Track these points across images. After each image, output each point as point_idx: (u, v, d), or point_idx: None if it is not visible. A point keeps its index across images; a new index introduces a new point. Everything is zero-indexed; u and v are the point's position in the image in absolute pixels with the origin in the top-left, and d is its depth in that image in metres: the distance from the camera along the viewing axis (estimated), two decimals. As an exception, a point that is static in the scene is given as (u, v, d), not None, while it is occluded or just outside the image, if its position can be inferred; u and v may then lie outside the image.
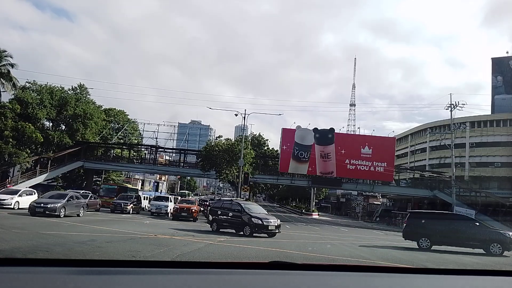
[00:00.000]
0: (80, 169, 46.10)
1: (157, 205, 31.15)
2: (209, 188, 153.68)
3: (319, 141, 45.39)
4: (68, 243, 11.36)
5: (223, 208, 20.02)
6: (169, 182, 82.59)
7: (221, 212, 19.85)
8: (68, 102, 45.36)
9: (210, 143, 48.56)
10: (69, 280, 1.70)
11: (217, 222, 19.85)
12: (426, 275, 2.43)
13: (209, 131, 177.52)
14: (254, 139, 56.66)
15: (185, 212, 27.27)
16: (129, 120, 61.01)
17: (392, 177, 47.34)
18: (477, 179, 54.97)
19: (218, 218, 19.82)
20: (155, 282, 1.80)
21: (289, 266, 2.27)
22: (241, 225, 18.39)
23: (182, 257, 9.69)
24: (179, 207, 27.71)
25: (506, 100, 62.47)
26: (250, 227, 17.86)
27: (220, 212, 19.84)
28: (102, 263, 2.08)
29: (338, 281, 2.11)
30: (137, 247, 11.18)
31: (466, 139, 57.54)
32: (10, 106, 39.51)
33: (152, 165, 49.25)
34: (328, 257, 12.20)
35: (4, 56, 39.03)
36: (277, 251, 12.78)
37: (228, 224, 19.28)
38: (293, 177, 48.08)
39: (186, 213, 27.28)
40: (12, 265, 1.88)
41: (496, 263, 13.47)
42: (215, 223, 19.95)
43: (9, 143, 37.45)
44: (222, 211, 19.81)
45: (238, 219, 18.61)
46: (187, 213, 27.27)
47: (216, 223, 19.88)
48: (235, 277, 1.98)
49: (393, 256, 13.85)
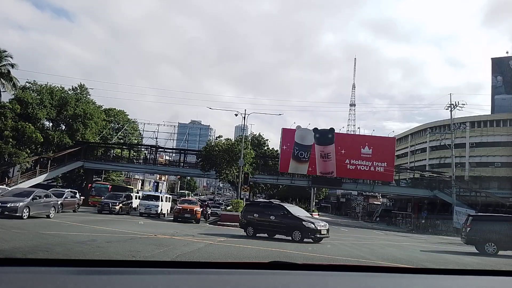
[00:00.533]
0: (80, 169, 46.10)
1: (146, 205, 28.63)
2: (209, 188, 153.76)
3: (319, 141, 45.39)
4: (68, 243, 11.37)
5: (261, 211, 18.34)
6: (169, 182, 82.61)
7: (258, 215, 18.15)
8: (68, 102, 45.37)
9: (210, 143, 48.53)
10: (69, 280, 1.70)
11: (254, 225, 18.18)
12: (426, 275, 2.43)
13: (209, 131, 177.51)
14: (254, 139, 56.62)
15: (188, 213, 25.62)
16: (129, 120, 61.02)
17: (392, 177, 47.34)
18: (477, 179, 54.96)
19: (256, 221, 18.12)
20: (155, 282, 1.80)
21: (289, 266, 2.27)
22: (288, 229, 17.01)
23: (182, 257, 9.69)
24: (182, 208, 26.00)
25: (506, 100, 62.46)
26: (301, 232, 16.57)
27: (258, 215, 18.15)
28: (102, 263, 2.08)
29: (338, 281, 2.11)
30: (137, 247, 11.19)
31: (466, 139, 57.54)
32: (10, 106, 39.53)
33: (152, 165, 49.26)
34: (328, 257, 12.21)
35: (5, 56, 39.04)
36: (277, 251, 12.78)
37: (270, 228, 17.74)
38: (293, 177, 48.09)
39: (189, 214, 25.61)
40: (12, 265, 1.88)
41: (496, 263, 13.47)
42: (251, 227, 18.24)
43: (9, 143, 37.46)
44: (260, 213, 18.16)
45: (283, 223, 17.17)
46: (190, 214, 25.62)
47: (253, 227, 18.19)
48: (235, 277, 1.98)
49: (393, 256, 13.86)
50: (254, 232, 18.00)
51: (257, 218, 18.11)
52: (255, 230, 18.07)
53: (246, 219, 18.62)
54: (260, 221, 17.97)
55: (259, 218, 18.04)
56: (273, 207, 18.34)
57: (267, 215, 17.83)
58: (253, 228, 18.12)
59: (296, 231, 16.64)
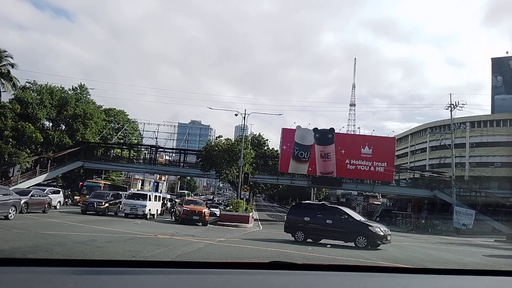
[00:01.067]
0: (80, 169, 46.12)
1: (132, 204, 25.36)
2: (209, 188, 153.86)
3: (319, 141, 45.38)
4: (68, 243, 11.36)
5: (313, 214, 16.83)
6: (169, 182, 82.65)
7: (310, 218, 16.66)
8: (68, 102, 45.42)
9: (210, 143, 48.55)
10: (69, 280, 1.70)
11: (305, 230, 16.66)
12: (426, 275, 2.43)
13: (209, 131, 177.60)
14: (254, 139, 56.64)
15: (197, 215, 23.77)
16: (129, 120, 61.08)
17: (392, 177, 47.34)
18: (477, 179, 54.98)
19: (307, 225, 16.59)
20: (155, 282, 1.80)
21: (289, 266, 2.27)
22: (350, 235, 15.78)
23: (182, 257, 9.69)
24: (190, 210, 23.87)
25: (506, 100, 62.48)
26: (366, 238, 15.42)
27: (310, 219, 16.67)
28: (102, 263, 2.08)
29: (338, 281, 2.11)
30: (137, 247, 11.19)
31: (466, 139, 57.56)
32: (10, 106, 39.57)
33: (152, 165, 49.28)
34: (328, 257, 12.21)
35: (5, 56, 39.06)
36: (277, 251, 12.78)
37: (325, 233, 16.35)
38: (293, 177, 48.09)
39: (197, 216, 23.79)
40: (12, 265, 1.88)
41: (496, 263, 13.47)
42: (301, 231, 16.70)
43: (9, 143, 37.49)
44: (313, 217, 16.68)
45: (344, 228, 15.87)
46: (199, 216, 23.82)
47: (303, 231, 16.66)
48: (235, 277, 1.98)
49: (393, 256, 13.85)
50: (305, 237, 16.60)
51: (308, 222, 16.57)
52: (306, 235, 16.66)
53: (294, 222, 17.00)
54: (313, 225, 16.47)
55: (311, 222, 16.54)
56: (330, 210, 17.07)
57: (321, 218, 16.41)
58: (303, 232, 16.66)
59: (361, 237, 15.48)
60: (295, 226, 16.94)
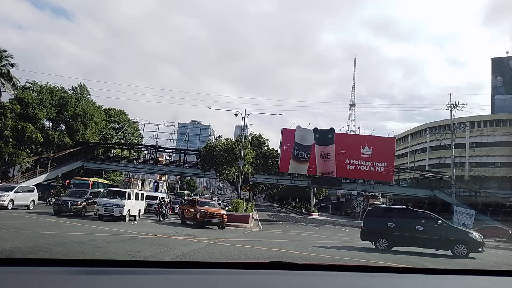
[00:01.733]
0: (80, 169, 46.13)
1: (107, 204, 20.91)
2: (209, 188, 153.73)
3: (319, 141, 45.39)
4: (68, 243, 11.37)
5: (398, 220, 15.52)
6: (169, 182, 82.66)
7: (395, 224, 15.32)
8: (68, 102, 45.45)
9: (210, 143, 48.59)
10: (69, 280, 1.71)
11: (389, 237, 15.30)
12: (426, 275, 2.43)
13: (209, 131, 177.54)
14: (254, 139, 56.65)
15: (215, 218, 21.88)
16: (129, 120, 61.10)
17: (392, 177, 47.36)
18: (477, 179, 55.00)
19: (392, 232, 15.26)
20: (155, 282, 1.80)
21: (289, 266, 2.27)
22: (446, 242, 14.69)
23: (182, 257, 9.69)
24: (208, 212, 21.91)
25: (506, 100, 62.52)
26: (466, 245, 14.41)
27: (394, 225, 15.34)
28: (102, 263, 2.08)
29: (338, 281, 2.11)
30: (137, 247, 11.19)
31: (466, 139, 57.59)
32: (10, 106, 39.58)
33: (152, 165, 49.28)
34: (328, 257, 12.21)
35: (5, 56, 39.08)
36: (277, 251, 12.79)
37: (415, 240, 15.01)
38: (293, 177, 48.10)
39: (216, 218, 21.91)
40: (12, 265, 1.88)
41: (496, 263, 13.47)
42: (384, 238, 15.35)
43: (9, 143, 37.51)
44: (399, 223, 15.32)
45: (438, 235, 14.72)
46: (217, 218, 21.95)
47: (387, 238, 15.32)
48: (235, 277, 1.98)
49: (393, 256, 13.85)
50: (389, 245, 15.31)
51: (393, 229, 15.27)
52: (390, 242, 15.34)
53: (375, 229, 15.68)
54: (400, 232, 15.15)
55: (397, 228, 15.23)
56: (419, 216, 15.78)
57: (410, 225, 15.11)
58: (387, 240, 15.35)
59: (460, 245, 14.47)
60: (377, 233, 15.65)
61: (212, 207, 23.38)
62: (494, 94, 65.00)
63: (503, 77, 64.57)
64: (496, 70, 65.43)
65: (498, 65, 65.46)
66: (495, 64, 66.02)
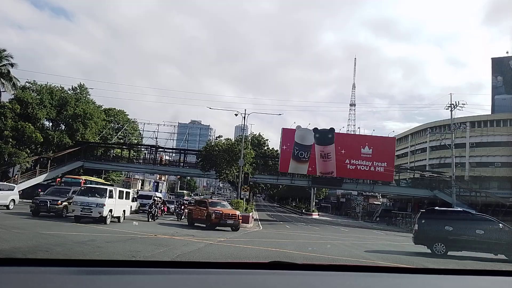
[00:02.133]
0: (80, 169, 46.11)
1: (84, 203, 18.38)
2: (209, 188, 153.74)
3: (319, 141, 45.38)
4: (68, 243, 11.37)
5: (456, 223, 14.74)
6: (169, 182, 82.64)
7: (454, 228, 14.53)
8: (68, 102, 45.44)
9: (210, 143, 48.58)
10: (69, 280, 1.71)
11: (447, 242, 14.50)
12: (426, 275, 2.43)
13: (209, 131, 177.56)
14: (254, 139, 56.66)
15: (231, 219, 20.85)
16: (129, 120, 61.07)
17: (392, 177, 47.33)
18: (477, 179, 54.97)
19: (451, 237, 14.48)
20: (155, 282, 1.80)
21: (289, 266, 2.27)
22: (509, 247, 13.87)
23: (182, 257, 9.70)
24: (224, 213, 20.91)
25: (506, 100, 62.49)
26: None
27: (453, 229, 14.53)
28: (102, 263, 2.08)
29: (338, 281, 2.11)
30: (137, 247, 11.20)
31: (466, 139, 57.55)
32: (10, 106, 39.57)
33: (152, 165, 49.27)
34: (328, 257, 12.21)
35: (5, 56, 39.06)
36: (277, 251, 12.78)
37: (474, 245, 14.21)
38: (293, 177, 48.09)
39: (232, 220, 20.91)
40: (12, 265, 1.88)
41: (496, 263, 13.46)
42: (441, 243, 14.52)
43: (9, 143, 37.50)
44: (457, 227, 14.56)
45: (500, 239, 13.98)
46: (233, 220, 20.95)
47: (444, 243, 14.50)
48: (235, 277, 1.98)
49: (393, 256, 13.85)
50: (446, 249, 14.45)
51: (452, 233, 14.49)
52: (447, 247, 14.49)
53: (432, 233, 14.83)
54: (459, 236, 14.39)
55: (455, 232, 14.45)
56: (478, 220, 15.13)
57: (470, 229, 14.39)
58: (444, 244, 14.49)
59: None
60: (434, 237, 14.71)
61: (226, 208, 22.41)
62: (494, 94, 64.95)
63: (503, 77, 64.53)
64: (496, 70, 65.39)
65: (498, 65, 65.42)
66: (495, 64, 65.98)
